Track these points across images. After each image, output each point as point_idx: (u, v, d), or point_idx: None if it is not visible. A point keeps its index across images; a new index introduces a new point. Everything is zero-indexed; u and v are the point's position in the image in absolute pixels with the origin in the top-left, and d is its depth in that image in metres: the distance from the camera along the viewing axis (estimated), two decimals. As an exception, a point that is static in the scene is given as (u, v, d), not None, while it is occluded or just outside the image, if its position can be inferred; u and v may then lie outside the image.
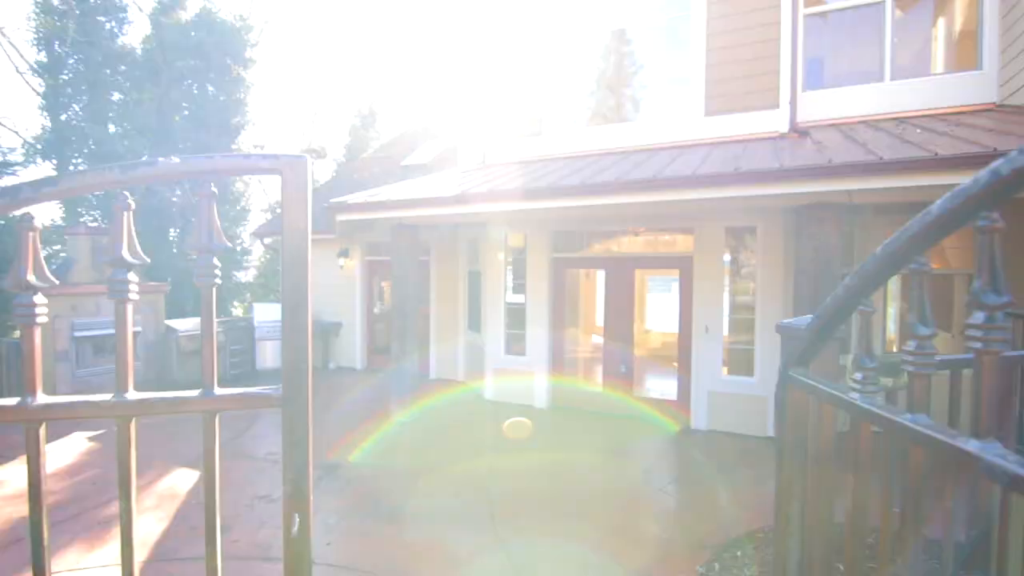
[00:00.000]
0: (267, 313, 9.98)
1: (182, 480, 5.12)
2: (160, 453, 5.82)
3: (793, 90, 6.15)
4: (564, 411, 7.40)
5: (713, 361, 6.51)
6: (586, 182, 4.92)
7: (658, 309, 16.07)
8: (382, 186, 8.66)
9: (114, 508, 4.59)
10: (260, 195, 19.75)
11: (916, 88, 6.15)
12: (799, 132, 6.12)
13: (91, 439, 6.34)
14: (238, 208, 13.72)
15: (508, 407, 7.60)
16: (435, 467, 5.39)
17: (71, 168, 11.85)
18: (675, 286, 15.87)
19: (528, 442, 6.16)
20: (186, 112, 12.49)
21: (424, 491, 4.82)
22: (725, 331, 6.51)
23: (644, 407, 7.07)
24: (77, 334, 7.50)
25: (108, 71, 11.75)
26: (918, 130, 5.17)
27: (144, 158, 12.09)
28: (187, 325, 8.81)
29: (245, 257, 14.57)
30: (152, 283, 8.61)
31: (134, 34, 14.92)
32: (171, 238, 12.92)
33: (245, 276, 16.00)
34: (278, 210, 15.83)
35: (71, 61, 11.17)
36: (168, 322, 8.75)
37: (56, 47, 11.00)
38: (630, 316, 7.15)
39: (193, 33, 12.32)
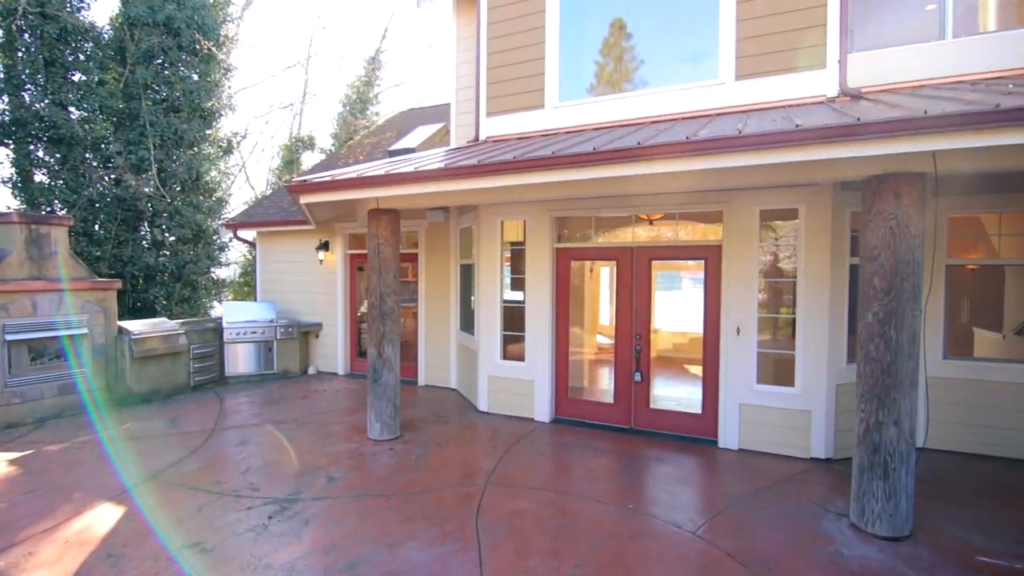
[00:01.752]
0: (238, 313, 8.98)
1: (101, 520, 4.13)
2: (86, 483, 4.83)
3: (843, 46, 5.17)
4: (570, 426, 6.42)
5: (745, 368, 5.54)
6: (600, 148, 3.92)
7: (664, 308, 15.11)
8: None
9: (6, 560, 3.60)
10: (243, 187, 18.74)
11: (987, 45, 5.16)
12: (850, 95, 5.14)
13: (12, 462, 5.35)
14: (213, 199, 12.69)
15: (504, 421, 6.62)
16: (413, 501, 4.40)
17: (30, 155, 10.84)
18: (686, 283, 14.86)
19: (527, 466, 5.17)
20: (155, 94, 11.46)
21: (399, 533, 3.84)
22: (759, 332, 5.53)
23: (663, 421, 6.09)
24: (9, 337, 6.50)
25: (68, 49, 10.73)
26: (1010, 85, 4.19)
27: (110, 144, 11.14)
28: (142, 326, 7.81)
29: (223, 253, 13.53)
30: (101, 279, 7.58)
31: (99, 10, 13.90)
32: (142, 232, 11.92)
33: (225, 273, 15.00)
34: (265, 200, 14.77)
35: (25, 36, 10.14)
36: (121, 323, 7.75)
37: (7, 20, 9.97)
38: (646, 315, 6.16)
39: (163, 8, 11.30)
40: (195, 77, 11.85)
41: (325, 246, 9.30)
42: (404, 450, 5.62)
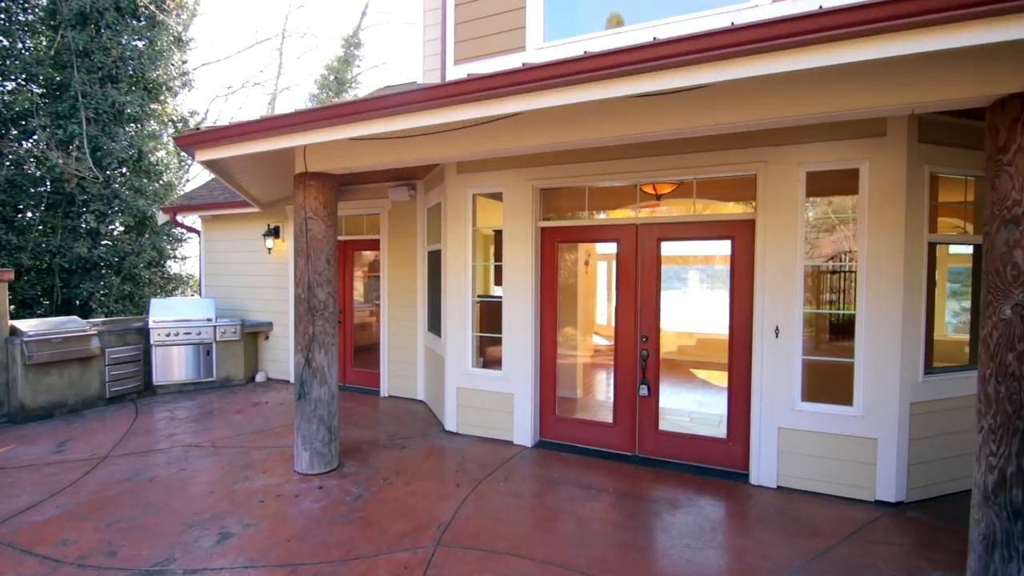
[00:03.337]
0: (168, 310, 7.61)
1: None
2: None
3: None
4: (558, 452, 5.08)
5: (786, 380, 4.21)
6: (593, 52, 2.59)
7: (668, 307, 13.76)
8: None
9: None
10: (204, 172, 17.32)
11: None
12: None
13: None
14: (160, 183, 11.28)
15: (476, 445, 5.28)
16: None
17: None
18: (692, 275, 13.50)
19: (497, 514, 3.83)
20: (89, 62, 10.05)
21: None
22: (805, 333, 4.21)
23: (676, 447, 4.77)
24: None
25: (-14, 8, 9.34)
26: None
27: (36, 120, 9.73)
28: (40, 326, 6.44)
29: (178, 245, 12.14)
30: (-13, 268, 6.22)
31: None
32: (76, 219, 10.48)
33: (182, 268, 13.63)
34: (212, 181, 13.08)
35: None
36: (14, 323, 6.37)
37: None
38: (654, 311, 4.84)
39: (99, -36, 9.92)
40: (138, 44, 10.46)
41: (275, 232, 7.95)
42: (338, 489, 4.27)
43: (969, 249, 4.61)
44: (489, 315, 5.64)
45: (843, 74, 2.69)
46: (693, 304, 12.51)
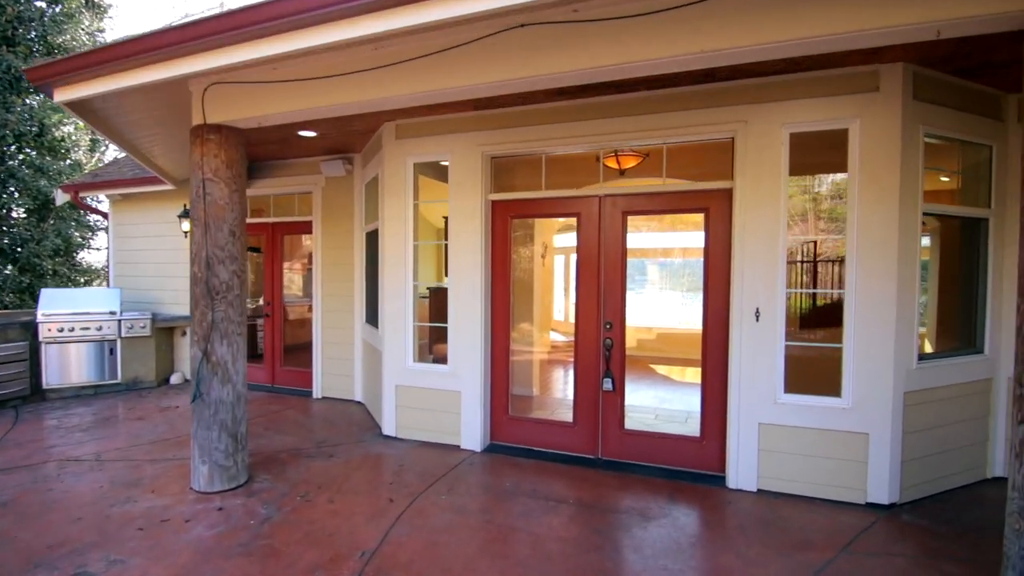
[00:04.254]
0: (62, 302, 6.56)
1: None
2: None
3: None
4: (511, 456, 4.45)
5: (767, 369, 3.73)
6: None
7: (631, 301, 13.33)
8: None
9: None
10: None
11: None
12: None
13: None
14: (67, 162, 10.01)
15: (417, 451, 4.59)
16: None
17: None
18: (652, 270, 13.17)
19: (436, 536, 3.16)
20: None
21: None
22: (788, 317, 3.74)
23: (644, 448, 4.22)
24: None
25: None
26: None
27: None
28: None
29: (91, 233, 10.87)
30: None
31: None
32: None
33: (103, 259, 12.29)
34: (124, 157, 11.74)
35: None
36: None
37: None
38: (619, 296, 4.28)
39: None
40: (41, 5, 9.23)
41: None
42: (242, 510, 3.50)
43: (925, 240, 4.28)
44: (437, 306, 4.97)
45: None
46: (655, 299, 12.15)
